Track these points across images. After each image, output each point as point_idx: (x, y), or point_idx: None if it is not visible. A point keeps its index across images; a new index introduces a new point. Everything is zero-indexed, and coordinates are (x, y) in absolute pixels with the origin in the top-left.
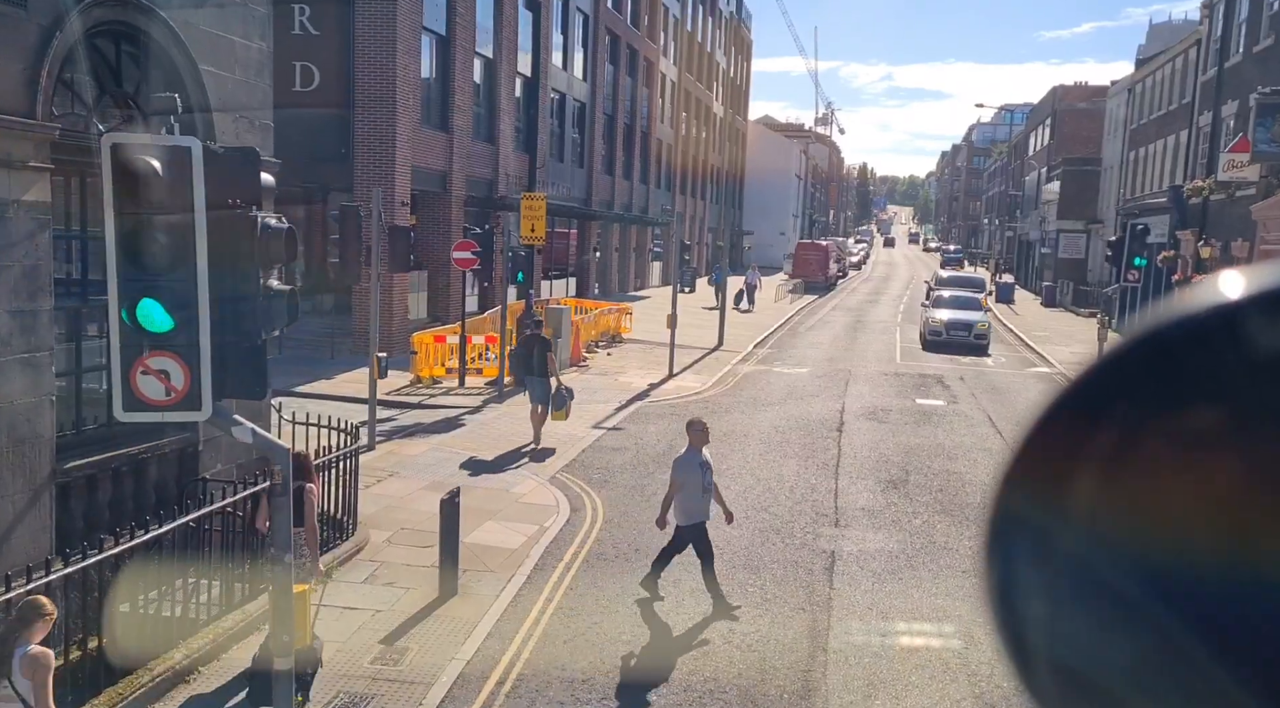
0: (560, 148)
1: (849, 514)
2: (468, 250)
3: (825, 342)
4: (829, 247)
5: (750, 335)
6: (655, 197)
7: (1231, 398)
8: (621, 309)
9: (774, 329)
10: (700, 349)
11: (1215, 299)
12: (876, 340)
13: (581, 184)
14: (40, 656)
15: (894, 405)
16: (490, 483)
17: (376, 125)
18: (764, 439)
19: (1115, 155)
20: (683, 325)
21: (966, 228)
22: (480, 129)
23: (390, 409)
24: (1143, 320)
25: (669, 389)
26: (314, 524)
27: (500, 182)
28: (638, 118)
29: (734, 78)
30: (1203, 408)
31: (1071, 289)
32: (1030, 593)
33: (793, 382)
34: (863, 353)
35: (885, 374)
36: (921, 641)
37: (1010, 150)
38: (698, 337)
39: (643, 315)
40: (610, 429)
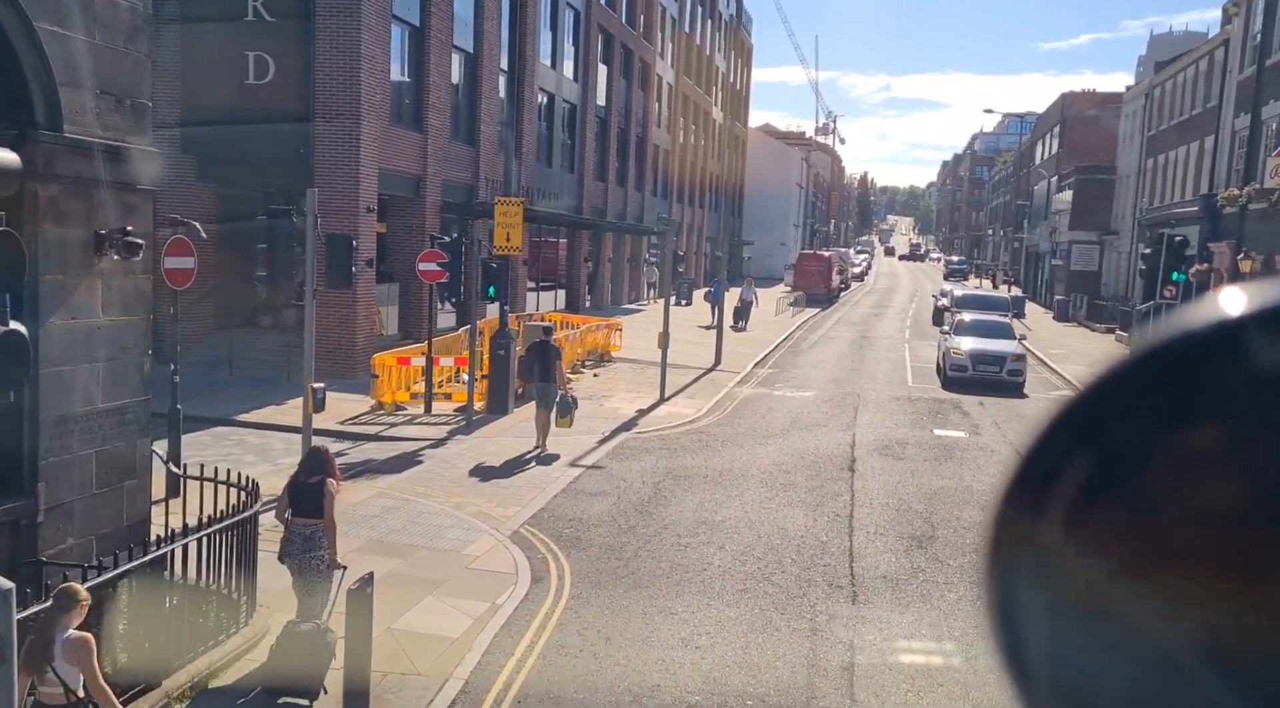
0: (549, 152)
1: (868, 585)
2: (433, 262)
3: (830, 360)
4: (832, 257)
5: (750, 353)
6: (651, 205)
7: (1234, 415)
8: (611, 325)
9: (775, 346)
10: (696, 369)
11: (1217, 316)
12: (885, 359)
13: (572, 191)
14: (82, 639)
15: (910, 437)
16: (441, 541)
17: (338, 122)
18: (765, 480)
19: (1131, 163)
20: (678, 343)
21: (969, 238)
22: (459, 130)
23: (343, 442)
24: (1143, 337)
25: (660, 416)
26: (332, 520)
27: (481, 187)
28: (633, 122)
29: (734, 83)
30: (1205, 425)
31: (1085, 303)
32: (1031, 613)
33: (797, 408)
34: (871, 374)
35: (897, 399)
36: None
37: (1016, 159)
38: (693, 355)
39: (635, 331)
40: (589, 468)
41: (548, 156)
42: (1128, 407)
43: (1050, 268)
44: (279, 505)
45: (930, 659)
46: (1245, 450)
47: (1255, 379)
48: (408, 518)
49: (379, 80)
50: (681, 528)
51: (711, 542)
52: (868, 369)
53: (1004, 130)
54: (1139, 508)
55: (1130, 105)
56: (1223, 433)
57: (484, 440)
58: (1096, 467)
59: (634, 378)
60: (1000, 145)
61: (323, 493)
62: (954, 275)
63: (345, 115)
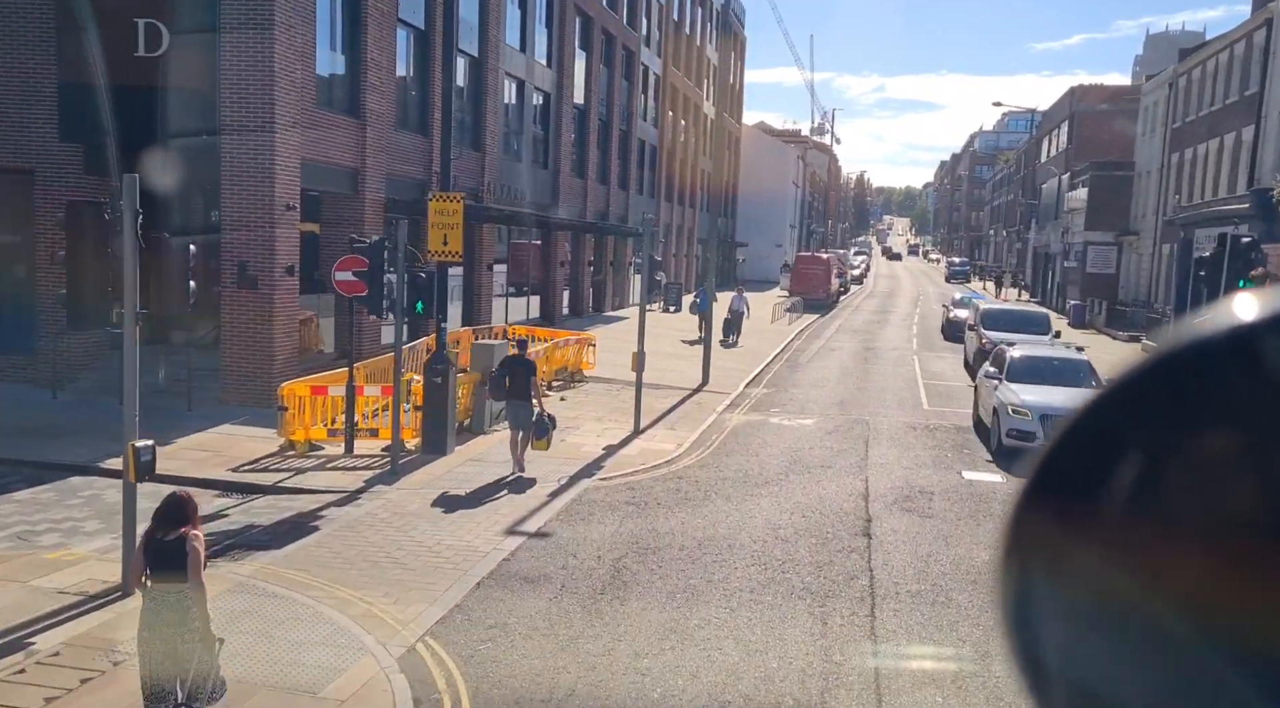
0: (518, 145)
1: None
2: (350, 270)
3: (832, 377)
4: (831, 260)
5: (742, 370)
6: (637, 204)
7: (1249, 419)
8: (583, 340)
9: (770, 360)
10: (680, 390)
11: (1231, 322)
12: (894, 375)
13: (545, 188)
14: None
15: (935, 483)
16: (296, 671)
17: (248, 103)
18: (758, 555)
19: (1153, 158)
20: (661, 358)
21: (969, 239)
22: (408, 118)
23: (229, 497)
24: (1157, 343)
25: (631, 455)
26: (201, 580)
27: (437, 182)
28: (615, 114)
29: (726, 76)
30: (1221, 429)
31: (1105, 308)
32: (1047, 615)
33: (796, 440)
34: (880, 393)
35: (913, 428)
36: None
37: (1020, 157)
38: (678, 373)
39: (615, 343)
40: (532, 536)
41: (516, 149)
42: (1145, 411)
43: (1062, 270)
44: (134, 569)
45: None
46: (1261, 454)
47: (1270, 384)
48: (260, 629)
49: (298, 52)
50: (641, 643)
51: (682, 668)
52: (875, 388)
53: (1004, 128)
54: (1156, 510)
55: (1150, 97)
56: (1238, 437)
57: (407, 493)
58: (1113, 470)
59: (607, 402)
60: (1001, 144)
61: (185, 550)
62: (955, 277)
63: (254, 94)
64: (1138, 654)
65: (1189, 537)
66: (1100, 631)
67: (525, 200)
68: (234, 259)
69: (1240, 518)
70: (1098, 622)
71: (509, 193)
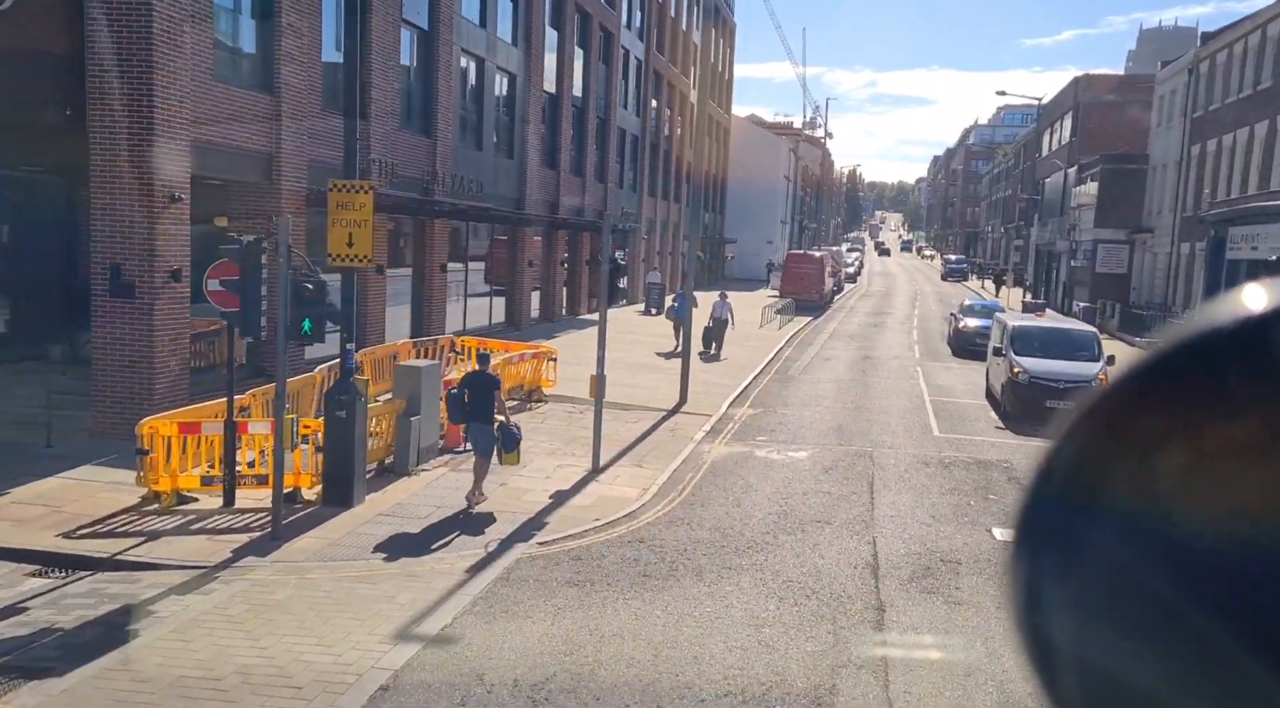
0: (477, 131)
1: None
2: (219, 279)
3: (828, 393)
4: (824, 258)
5: (726, 386)
6: (617, 198)
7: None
8: (541, 353)
9: (758, 372)
10: (653, 412)
11: (1242, 313)
12: (896, 391)
13: (510, 180)
14: None
15: (960, 546)
16: None
17: (123, 70)
18: (732, 677)
19: (1170, 150)
20: (634, 371)
21: (964, 235)
22: (337, 96)
23: (48, 576)
24: (1166, 335)
25: (584, 505)
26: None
27: (374, 171)
28: (592, 100)
29: (714, 63)
30: (1233, 420)
31: (1119, 311)
32: (1058, 604)
33: (786, 482)
34: (882, 415)
35: (925, 463)
36: None
37: (1019, 151)
38: (652, 390)
39: (584, 353)
40: (430, 643)
41: (475, 137)
42: (1156, 402)
43: (1069, 269)
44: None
45: None
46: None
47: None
48: None
49: (187, 13)
50: None
51: None
52: (877, 408)
53: (999, 122)
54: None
55: (1166, 85)
56: (1251, 429)
57: (283, 570)
58: (1124, 460)
59: (566, 430)
60: (997, 138)
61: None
62: (952, 275)
63: (132, 59)
64: (1150, 644)
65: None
66: (1112, 620)
67: (487, 193)
68: (105, 261)
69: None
70: (1110, 611)
71: (467, 185)
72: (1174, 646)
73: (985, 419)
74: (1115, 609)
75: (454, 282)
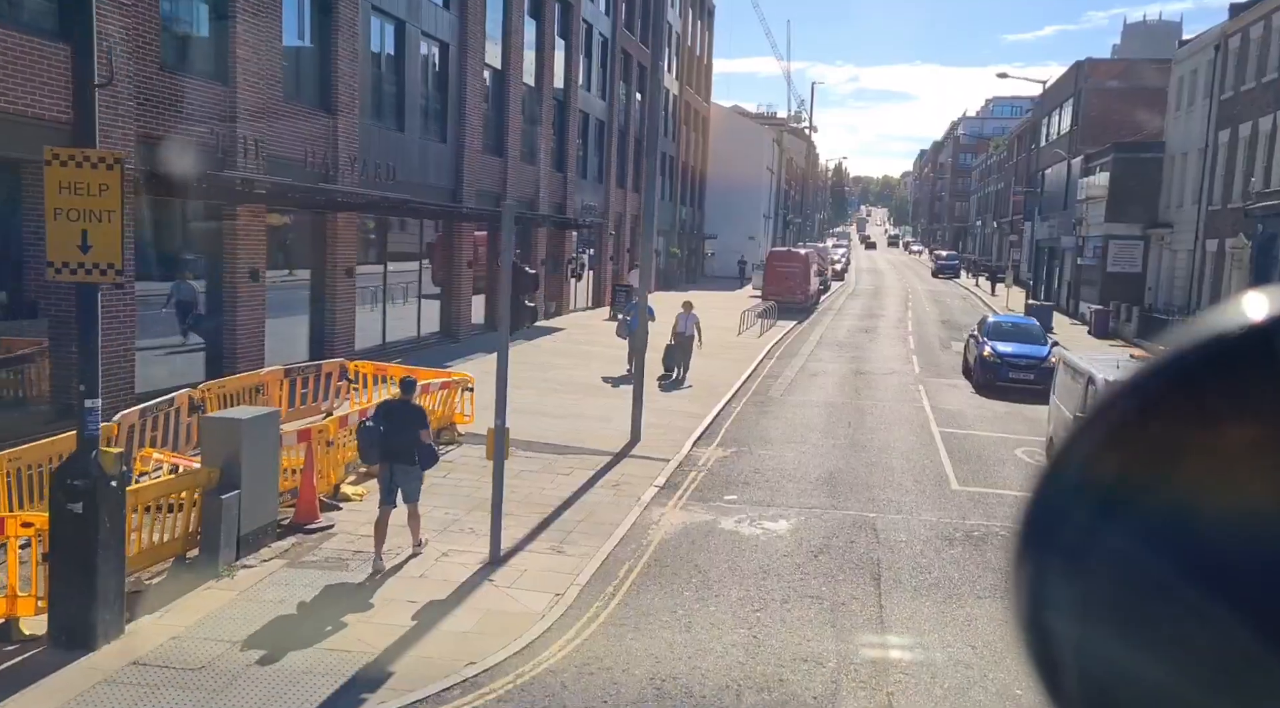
0: (397, 108)
1: None
2: None
3: (817, 423)
4: (809, 255)
5: (691, 416)
6: (579, 190)
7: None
8: (452, 384)
9: (733, 394)
10: (595, 457)
11: (1245, 320)
12: (897, 415)
13: (444, 167)
14: None
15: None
16: None
17: None
18: None
19: (1191, 137)
20: (580, 397)
21: (953, 230)
22: (188, 57)
23: None
24: (1170, 342)
25: (462, 628)
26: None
27: (241, 150)
28: (547, 78)
29: (691, 46)
30: (1239, 426)
31: (1136, 315)
32: (1062, 610)
33: (759, 580)
34: (885, 455)
35: (948, 539)
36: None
37: (1014, 143)
38: (598, 425)
39: (531, 373)
40: None
41: (395, 115)
42: (1167, 406)
43: (1074, 268)
44: None
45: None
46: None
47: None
48: None
49: None
50: None
51: None
52: (877, 444)
53: (989, 114)
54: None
55: (1186, 65)
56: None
57: None
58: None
59: (474, 487)
60: (986, 130)
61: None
62: (944, 272)
63: None
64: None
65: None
66: (1116, 629)
67: (413, 182)
68: None
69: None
70: (1113, 616)
71: (383, 172)
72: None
73: (1013, 461)
74: (1123, 610)
75: (372, 286)
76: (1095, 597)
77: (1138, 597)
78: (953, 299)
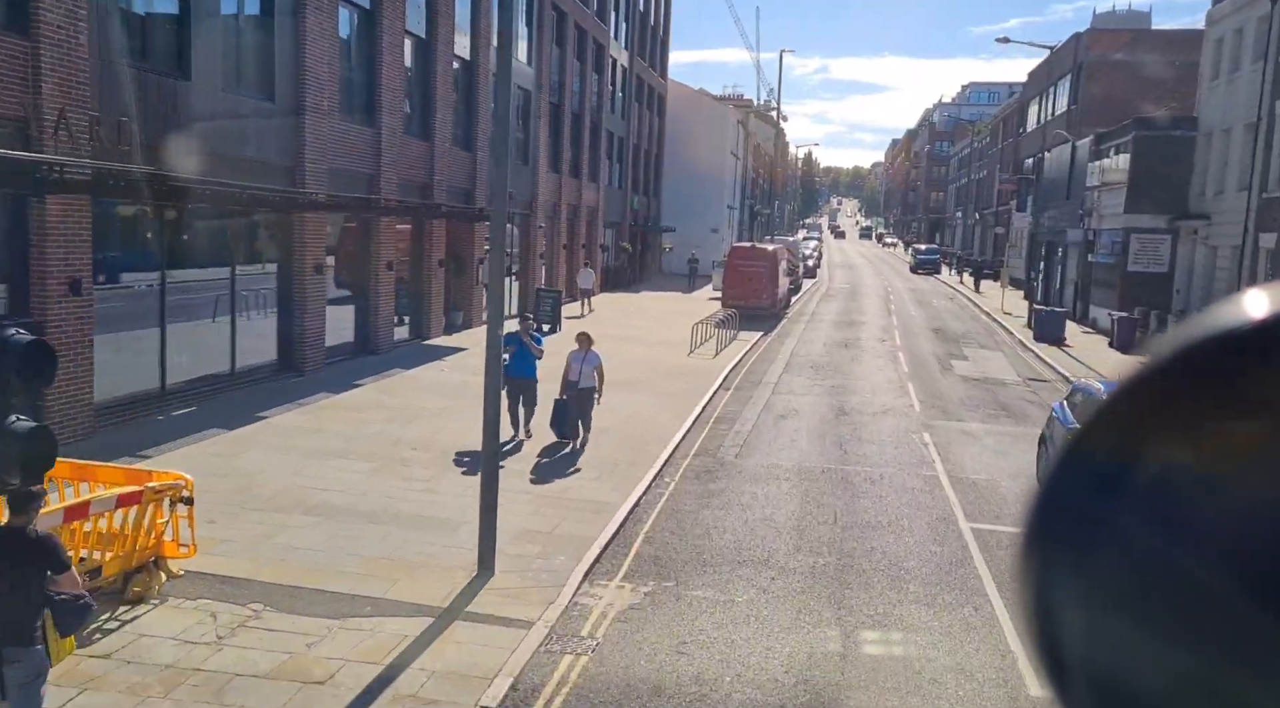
0: (282, 79)
1: None
2: None
3: (785, 517)
4: (778, 252)
5: (596, 505)
6: (499, 174)
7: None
8: (139, 496)
9: (664, 461)
10: (406, 618)
11: (1247, 318)
12: (904, 499)
13: (364, 151)
14: None
15: None
16: None
17: None
18: None
19: (1235, 109)
20: (436, 471)
21: (928, 221)
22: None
23: None
24: (1170, 337)
25: None
26: None
27: (49, 141)
28: (442, 33)
29: (645, 14)
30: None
31: (1170, 323)
32: (1070, 606)
33: None
34: (899, 584)
35: None
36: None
37: (999, 127)
38: (443, 529)
39: (370, 430)
40: None
41: (267, 85)
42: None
43: (1083, 266)
44: None
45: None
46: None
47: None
48: None
49: None
50: None
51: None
52: (880, 553)
53: (965, 101)
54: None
55: (1227, 24)
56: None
57: None
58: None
59: None
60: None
61: None
62: (923, 268)
63: None
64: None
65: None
66: (1124, 623)
67: (320, 173)
68: None
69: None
70: (1121, 614)
71: (256, 150)
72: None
73: None
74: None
75: (217, 294)
76: (1103, 590)
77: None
78: (939, 300)
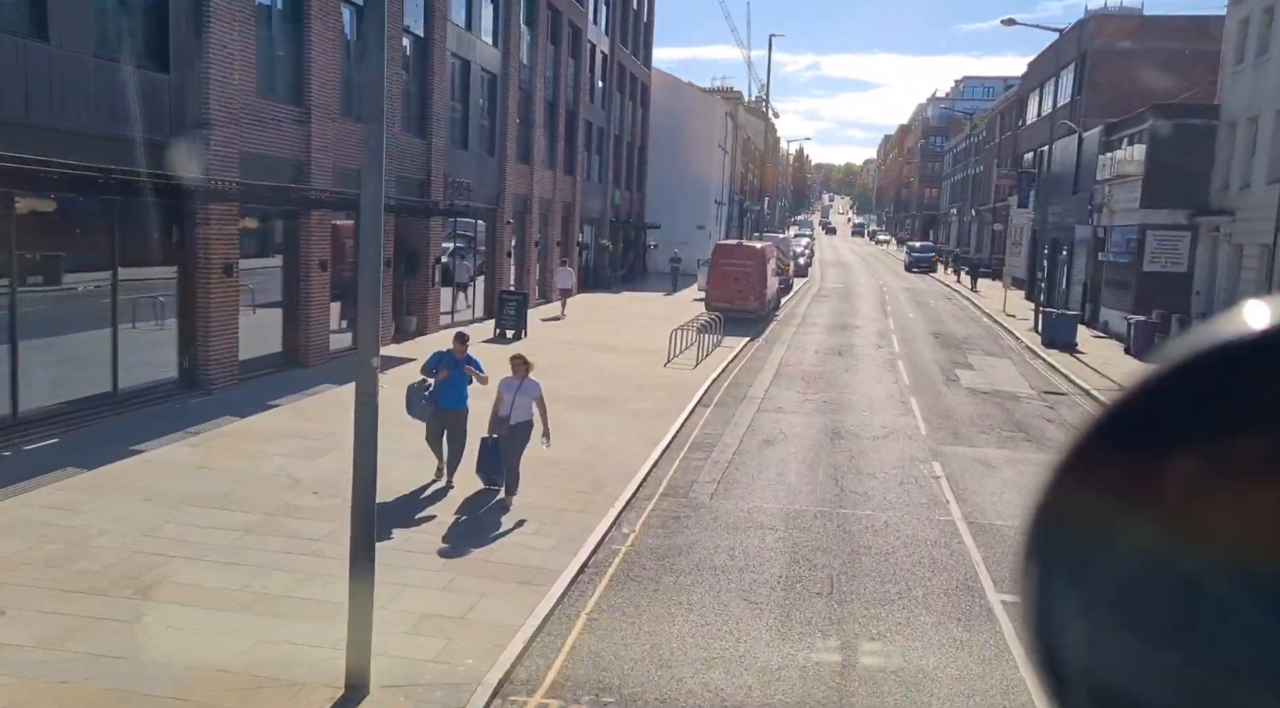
0: (204, 56)
1: None
2: None
3: (768, 593)
4: (766, 250)
5: (528, 572)
6: (463, 165)
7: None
8: None
9: (620, 511)
10: None
11: (1249, 330)
12: (916, 555)
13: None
14: None
15: None
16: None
17: None
18: None
19: (1264, 95)
20: (322, 545)
21: (922, 218)
22: None
23: None
24: (1173, 347)
25: None
26: None
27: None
28: (437, 27)
29: None
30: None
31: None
32: (1069, 614)
33: None
34: None
35: None
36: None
37: (996, 121)
38: (305, 644)
39: (258, 477)
40: None
41: (159, 53)
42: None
43: (1092, 265)
44: None
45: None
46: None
47: None
48: None
49: None
50: None
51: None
52: (896, 671)
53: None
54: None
55: (1250, 3)
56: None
57: None
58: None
59: None
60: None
61: None
62: (918, 266)
63: None
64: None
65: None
66: (1124, 632)
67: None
68: None
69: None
70: (1121, 623)
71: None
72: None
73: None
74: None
75: (100, 300)
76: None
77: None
78: (937, 300)
